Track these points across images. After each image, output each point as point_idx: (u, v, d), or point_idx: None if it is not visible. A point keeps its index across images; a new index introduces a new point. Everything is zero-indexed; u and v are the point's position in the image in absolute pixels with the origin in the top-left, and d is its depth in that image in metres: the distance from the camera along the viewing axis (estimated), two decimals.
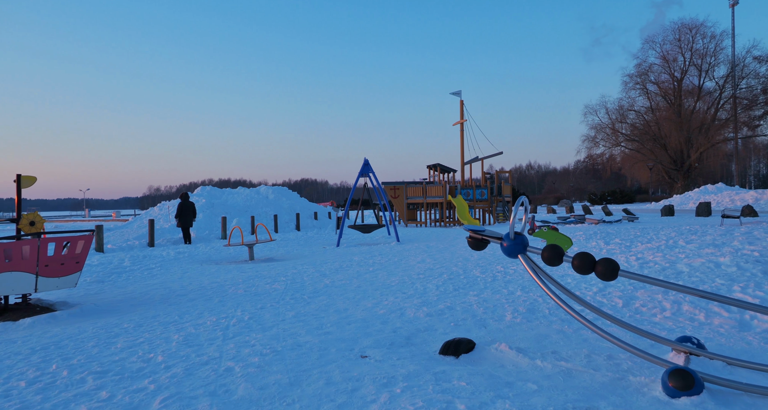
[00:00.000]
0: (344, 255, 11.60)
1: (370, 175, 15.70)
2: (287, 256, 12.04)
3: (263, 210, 23.13)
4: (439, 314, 5.27)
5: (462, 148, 26.11)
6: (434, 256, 10.68)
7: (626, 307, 5.17)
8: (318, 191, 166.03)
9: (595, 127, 56.21)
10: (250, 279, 8.27)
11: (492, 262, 9.10)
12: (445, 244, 13.49)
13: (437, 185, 24.69)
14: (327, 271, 8.92)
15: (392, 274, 8.22)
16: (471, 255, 10.54)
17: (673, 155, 50.17)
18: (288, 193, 26.75)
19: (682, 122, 47.63)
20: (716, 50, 47.77)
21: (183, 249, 14.11)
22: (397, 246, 13.47)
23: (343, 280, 7.80)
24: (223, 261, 11.43)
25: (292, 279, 8.03)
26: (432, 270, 8.45)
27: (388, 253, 11.72)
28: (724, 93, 47.84)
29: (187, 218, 16.00)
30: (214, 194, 23.10)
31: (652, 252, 8.57)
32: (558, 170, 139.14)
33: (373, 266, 9.45)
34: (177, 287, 7.69)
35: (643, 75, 52.43)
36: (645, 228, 14.72)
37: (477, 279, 7.26)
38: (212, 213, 20.66)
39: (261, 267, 9.85)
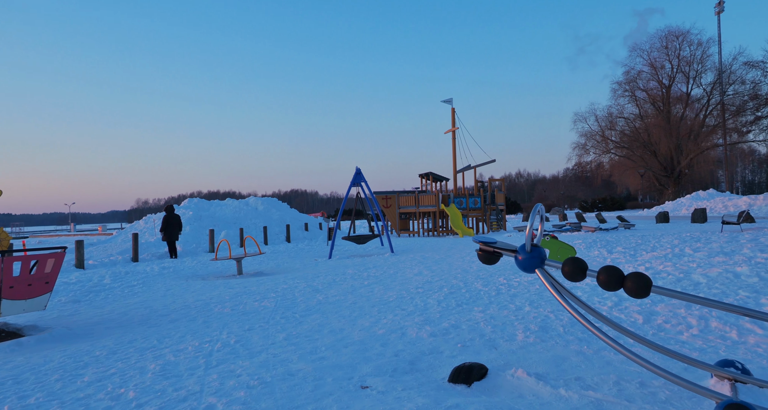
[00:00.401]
0: (337, 268, 11.13)
1: (362, 184, 15.28)
2: (277, 270, 11.54)
3: (252, 222, 22.58)
4: (444, 333, 4.83)
5: (454, 156, 25.83)
6: (431, 268, 10.25)
7: (647, 324, 4.76)
8: (308, 202, 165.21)
9: (585, 135, 56.46)
10: (238, 295, 7.77)
11: (493, 274, 8.68)
12: (441, 255, 13.06)
13: (430, 194, 24.33)
14: (320, 286, 8.44)
15: (389, 288, 7.77)
16: (470, 266, 10.12)
17: (663, 162, 50.38)
18: (278, 204, 26.23)
19: (672, 129, 47.89)
20: (703, 57, 48.38)
21: (168, 264, 13.54)
22: (392, 258, 13.02)
23: (337, 296, 7.33)
24: (210, 276, 10.90)
25: (282, 296, 7.55)
26: (431, 284, 8.00)
27: (382, 265, 11.26)
28: (712, 99, 48.31)
29: (173, 231, 15.45)
30: (202, 206, 22.52)
31: (660, 261, 8.21)
32: (547, 178, 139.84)
33: (368, 279, 8.99)
34: (159, 306, 7.17)
35: (632, 82, 52.88)
36: (644, 235, 14.42)
37: (480, 293, 6.83)
38: (200, 225, 20.08)
39: (250, 283, 9.34)
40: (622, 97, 53.94)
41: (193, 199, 22.93)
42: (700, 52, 48.10)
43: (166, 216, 15.43)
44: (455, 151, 25.87)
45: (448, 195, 24.57)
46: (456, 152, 25.82)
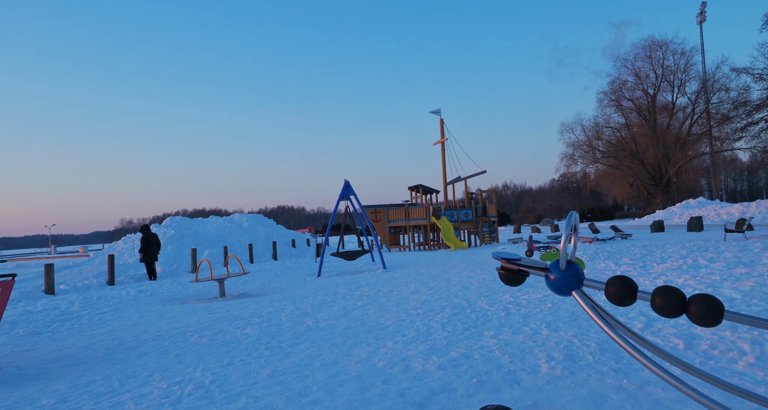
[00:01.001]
0: (327, 287, 10.40)
1: (351, 197, 14.63)
2: (263, 290, 10.78)
3: (237, 240, 21.74)
4: (455, 365, 4.15)
5: (444, 167, 25.32)
6: (428, 285, 9.57)
7: (690, 349, 4.13)
8: (295, 218, 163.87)
9: (572, 145, 56.58)
10: (218, 321, 7.01)
11: (497, 290, 8.04)
12: (437, 270, 12.40)
13: (420, 207, 23.73)
14: (309, 308, 7.72)
15: (385, 310, 7.07)
16: (470, 282, 9.47)
17: (651, 171, 50.52)
18: (264, 221, 25.42)
19: (658, 138, 48.12)
20: (687, 66, 48.89)
21: (146, 286, 12.69)
22: (385, 274, 12.32)
23: (328, 320, 6.61)
24: (190, 300, 10.10)
25: (267, 321, 6.81)
26: (431, 303, 7.33)
27: (375, 283, 10.56)
28: (697, 108, 48.69)
29: (152, 252, 14.61)
30: (184, 224, 21.65)
31: (677, 273, 7.64)
32: (534, 189, 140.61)
33: (361, 299, 8.28)
34: (128, 337, 6.39)
35: (617, 92, 53.24)
36: (646, 245, 13.92)
37: (487, 314, 6.17)
38: (181, 244, 19.20)
39: (232, 306, 8.58)
40: (608, 107, 54.37)
41: (175, 217, 22.05)
42: (683, 61, 48.75)
43: (144, 237, 14.60)
44: (445, 163, 25.38)
45: (438, 207, 23.99)
46: (446, 164, 25.33)
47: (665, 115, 51.63)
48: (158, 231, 19.93)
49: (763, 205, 26.97)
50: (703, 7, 43.90)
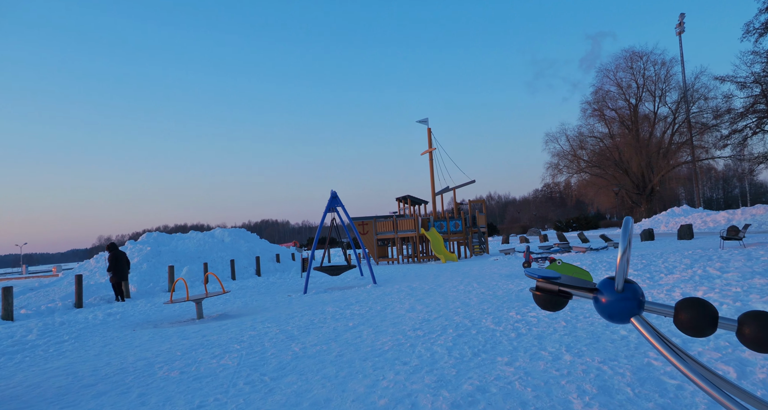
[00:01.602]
0: (314, 306, 9.65)
1: (338, 209, 13.94)
2: (245, 310, 9.98)
3: (219, 256, 20.82)
4: (471, 403, 3.48)
5: (432, 178, 24.79)
6: (424, 301, 8.89)
7: (745, 378, 3.52)
8: (279, 232, 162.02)
9: (557, 154, 56.76)
10: (193, 349, 6.23)
11: (500, 307, 7.39)
12: (430, 284, 11.72)
13: (408, 218, 23.11)
14: (295, 331, 6.98)
15: (381, 332, 6.37)
16: (468, 298, 8.81)
17: (634, 179, 50.77)
18: (246, 235, 24.52)
19: (641, 147, 48.45)
20: (667, 76, 49.52)
21: (117, 309, 11.80)
22: (375, 290, 11.61)
23: (317, 345, 5.88)
24: (164, 323, 9.27)
25: (248, 348, 6.05)
26: (430, 323, 6.65)
27: (366, 300, 9.85)
28: (678, 117, 49.23)
29: (122, 270, 13.67)
30: (161, 241, 20.67)
31: (691, 285, 7.08)
32: (518, 200, 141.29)
33: (352, 319, 7.56)
34: (86, 371, 5.57)
35: (600, 102, 53.64)
36: (643, 254, 13.44)
37: (496, 335, 5.51)
38: (158, 262, 18.24)
39: (210, 329, 7.79)
40: (592, 117, 54.73)
41: (152, 233, 21.06)
42: (663, 71, 49.38)
43: (112, 255, 13.66)
44: (433, 173, 24.87)
45: (427, 218, 23.40)
46: (434, 174, 24.81)
47: (647, 124, 52.12)
48: (134, 248, 18.95)
49: (748, 213, 26.98)
50: (681, 18, 44.58)
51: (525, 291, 8.87)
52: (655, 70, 50.10)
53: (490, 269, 14.62)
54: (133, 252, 18.64)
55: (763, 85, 23.71)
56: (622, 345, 4.51)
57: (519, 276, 11.60)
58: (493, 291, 9.39)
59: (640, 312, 2.33)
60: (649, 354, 4.15)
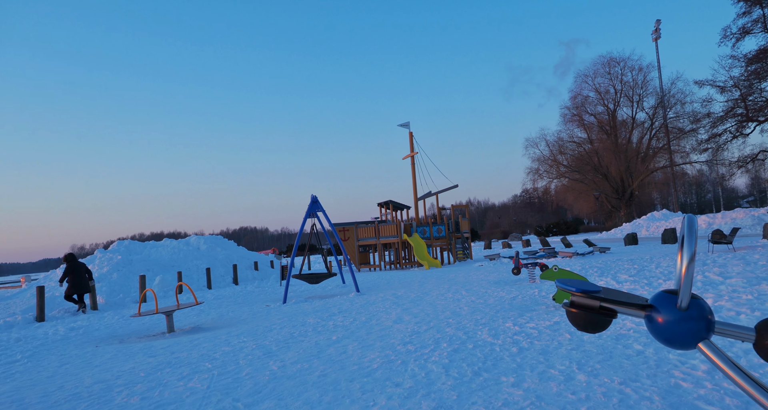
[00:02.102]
0: (294, 316, 9.06)
1: (318, 214, 13.37)
2: (220, 323, 9.32)
3: (194, 264, 19.97)
4: None
5: (414, 182, 24.37)
6: (411, 311, 8.37)
7: None
8: (258, 239, 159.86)
9: (537, 159, 57.09)
10: (158, 369, 5.60)
11: (494, 317, 6.92)
12: (416, 292, 11.22)
13: (391, 224, 22.62)
14: (273, 346, 6.39)
15: (367, 346, 5.83)
16: (458, 307, 8.33)
17: (614, 184, 51.28)
18: (223, 242, 23.69)
19: (620, 151, 48.98)
20: (644, 81, 50.28)
21: (82, 322, 11.00)
22: (359, 299, 11.05)
23: (298, 363, 5.32)
24: (131, 337, 8.57)
25: (221, 367, 5.45)
26: (421, 336, 6.13)
27: (350, 310, 9.29)
28: (656, 122, 49.99)
29: (80, 282, 12.75)
30: (133, 249, 19.75)
31: (696, 292, 6.72)
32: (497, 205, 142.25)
33: (336, 332, 7.01)
34: (35, 398, 4.90)
35: (580, 107, 54.11)
36: (632, 259, 13.18)
37: (495, 350, 5.02)
38: (129, 271, 17.36)
39: (180, 345, 7.14)
40: (571, 122, 55.21)
41: (123, 241, 20.11)
42: (641, 76, 50.12)
43: (69, 266, 12.77)
44: (415, 177, 24.45)
45: (410, 224, 22.95)
46: (416, 178, 24.39)
47: (626, 129, 52.81)
48: (103, 257, 18.01)
49: (728, 216, 27.22)
50: (657, 25, 45.32)
51: (518, 300, 8.43)
52: (632, 76, 50.88)
53: (477, 275, 14.19)
54: (102, 262, 17.72)
55: (742, 89, 23.99)
56: (640, 362, 4.06)
57: (509, 283, 11.18)
58: (484, 299, 8.93)
59: (709, 335, 1.81)
60: (674, 374, 3.70)
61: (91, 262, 17.79)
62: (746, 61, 23.59)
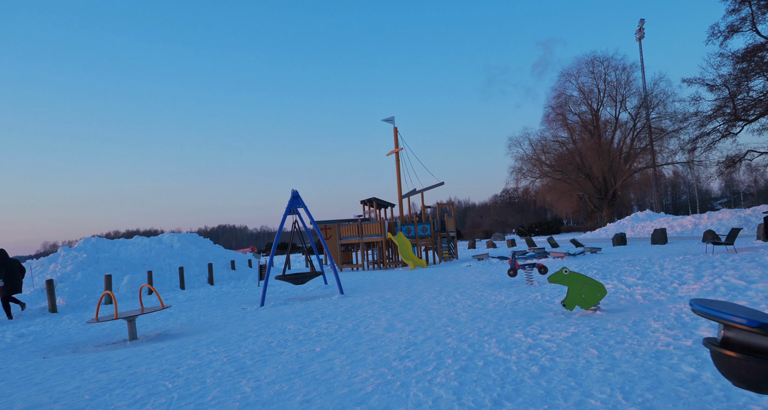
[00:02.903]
0: (273, 322, 8.18)
1: (299, 210, 12.48)
2: (189, 328, 8.39)
3: (166, 263, 18.87)
4: None
5: (399, 179, 23.59)
6: (403, 317, 7.57)
7: None
8: (237, 237, 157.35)
9: (520, 159, 56.74)
10: (108, 389, 4.69)
11: (498, 325, 6.15)
12: (406, 295, 10.42)
13: (374, 222, 21.80)
14: (248, 359, 5.52)
15: (358, 361, 5.00)
16: (455, 311, 7.55)
17: (597, 184, 51.22)
18: (198, 240, 22.57)
19: (603, 152, 48.92)
20: (628, 81, 50.20)
21: (37, 327, 9.95)
22: (343, 302, 10.21)
23: (276, 383, 4.47)
24: (87, 346, 7.60)
25: (183, 387, 4.57)
26: (418, 348, 5.33)
27: (334, 314, 8.45)
28: (639, 122, 50.06)
29: (13, 281, 11.43)
30: (100, 246, 18.55)
31: (724, 299, 6.06)
32: (477, 205, 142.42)
33: (320, 342, 6.16)
34: None
35: (563, 106, 53.86)
36: (630, 260, 12.59)
37: (511, 369, 4.24)
38: (96, 270, 16.20)
39: (140, 357, 6.21)
40: (555, 121, 54.95)
41: (90, 238, 18.88)
42: (624, 76, 50.01)
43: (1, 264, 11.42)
44: (400, 174, 23.68)
45: (394, 222, 22.16)
46: (401, 175, 23.62)
47: (609, 129, 52.82)
48: (67, 255, 16.81)
49: (714, 217, 27.11)
50: (641, 24, 45.41)
51: (521, 305, 7.69)
52: (616, 76, 50.81)
53: (467, 276, 13.47)
54: (66, 260, 16.52)
55: (731, 88, 23.80)
56: (702, 391, 3.30)
57: (504, 285, 10.47)
58: (482, 303, 8.17)
59: None
60: (751, 408, 2.96)
61: (54, 261, 16.59)
62: (735, 60, 23.40)
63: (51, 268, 16.04)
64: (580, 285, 6.34)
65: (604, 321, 5.81)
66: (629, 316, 5.95)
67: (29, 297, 13.49)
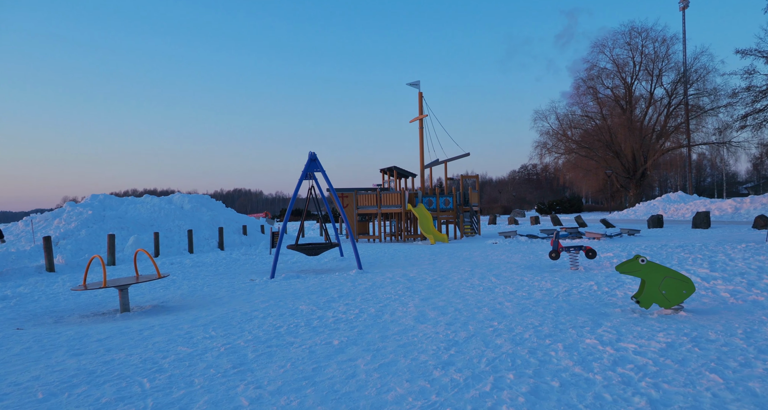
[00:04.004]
0: (283, 299, 7.16)
1: (317, 174, 11.34)
2: (188, 301, 7.42)
3: (175, 224, 18.01)
4: None
5: (422, 148, 22.26)
6: (433, 302, 6.47)
7: None
8: (252, 202, 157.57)
9: (546, 133, 54.48)
10: (68, 386, 3.68)
11: (555, 321, 5.00)
12: (431, 274, 9.32)
13: (394, 192, 20.62)
14: (249, 351, 4.49)
15: (388, 366, 3.91)
16: (496, 300, 6.42)
17: (625, 163, 48.97)
18: (209, 202, 21.66)
19: (634, 129, 46.53)
20: (667, 54, 47.06)
21: (26, 288, 9.14)
22: (362, 278, 9.16)
23: (281, 393, 3.41)
24: (72, 315, 6.69)
25: (162, 390, 3.54)
26: (463, 350, 4.21)
27: (353, 294, 7.39)
28: (674, 99, 47.35)
29: None
30: (108, 204, 17.71)
31: None
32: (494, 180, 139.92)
33: (338, 331, 5.10)
34: None
35: (594, 79, 51.05)
36: (683, 246, 11.28)
37: (600, 393, 3.10)
38: (101, 229, 15.38)
39: (125, 336, 5.23)
40: (585, 95, 52.32)
41: (98, 195, 18.04)
42: (663, 49, 46.91)
43: None
44: (423, 143, 22.32)
45: (415, 193, 20.95)
46: (424, 144, 22.27)
47: (642, 105, 50.15)
48: (72, 211, 15.99)
49: (758, 201, 25.36)
50: None
51: (575, 296, 6.51)
52: (654, 48, 47.66)
53: (497, 256, 12.32)
54: (71, 216, 15.71)
55: None
56: None
57: (544, 269, 9.30)
58: (526, 291, 7.03)
59: None
60: None
61: (58, 216, 15.79)
62: None
63: (55, 224, 15.26)
64: (661, 278, 5.14)
65: (698, 326, 4.62)
66: (730, 322, 4.75)
67: (29, 253, 12.71)
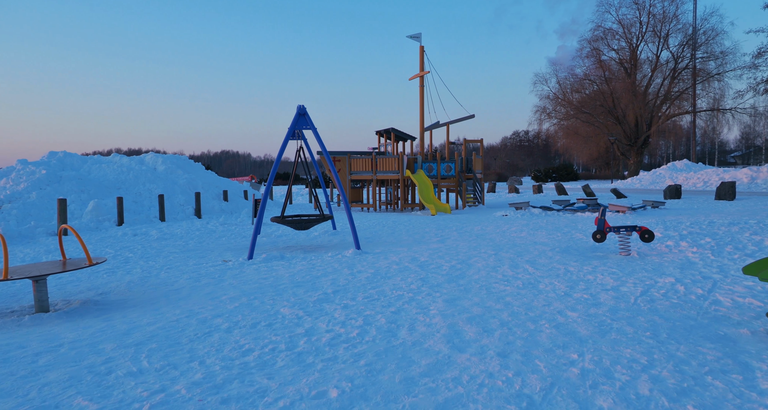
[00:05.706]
0: (260, 295, 5.39)
1: (306, 132, 9.41)
2: (134, 295, 5.62)
3: (146, 188, 16.01)
4: None
5: (422, 109, 20.18)
6: (465, 308, 4.73)
7: None
8: (240, 164, 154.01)
9: (546, 97, 52.11)
10: None
11: (664, 351, 3.29)
12: (446, 257, 7.57)
13: (391, 157, 18.70)
14: (208, 391, 2.71)
15: None
16: (551, 304, 4.68)
17: (627, 130, 47.03)
18: (187, 164, 19.57)
19: (638, 94, 44.40)
20: (675, 14, 44.17)
21: None
22: (361, 262, 7.40)
23: None
24: None
25: None
26: (536, 405, 2.48)
27: (352, 288, 5.64)
28: (681, 63, 45.11)
29: None
30: (68, 163, 15.59)
31: None
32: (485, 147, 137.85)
33: (334, 362, 3.36)
34: None
35: (599, 40, 48.35)
36: (733, 222, 9.63)
37: None
38: (56, 191, 13.37)
39: (5, 371, 3.45)
40: (588, 58, 49.68)
41: (57, 152, 15.87)
42: (673, 8, 44.16)
43: None
44: (423, 103, 20.24)
45: (414, 158, 19.05)
46: (424, 104, 20.19)
47: (647, 69, 47.82)
48: (23, 170, 13.91)
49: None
50: None
51: (660, 301, 4.77)
52: (663, 7, 44.96)
53: (515, 232, 10.62)
54: (20, 176, 13.65)
55: None
56: None
57: (586, 254, 7.61)
58: (587, 291, 5.31)
59: None
60: None
61: (6, 176, 13.71)
62: None
63: (1, 184, 13.20)
64: None
65: None
66: None
67: None
